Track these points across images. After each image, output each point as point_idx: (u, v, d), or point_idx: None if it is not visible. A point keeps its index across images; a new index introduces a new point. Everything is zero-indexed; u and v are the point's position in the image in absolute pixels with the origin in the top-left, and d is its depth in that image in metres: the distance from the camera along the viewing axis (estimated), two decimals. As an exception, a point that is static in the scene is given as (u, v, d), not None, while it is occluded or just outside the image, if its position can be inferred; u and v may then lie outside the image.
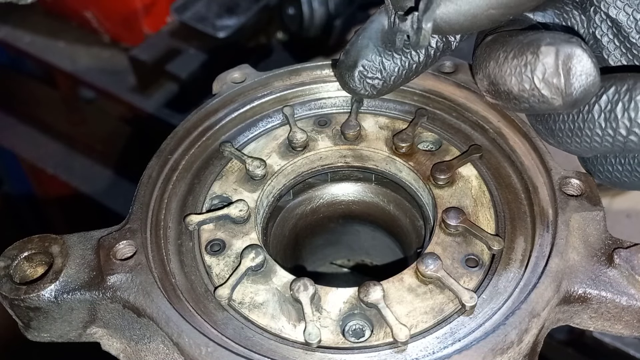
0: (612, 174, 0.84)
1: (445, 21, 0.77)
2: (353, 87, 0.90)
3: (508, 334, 0.77)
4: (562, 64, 0.70)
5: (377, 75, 0.88)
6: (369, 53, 0.88)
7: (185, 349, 0.79)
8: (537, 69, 0.72)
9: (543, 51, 0.71)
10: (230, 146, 1.04)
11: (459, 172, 0.99)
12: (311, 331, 0.81)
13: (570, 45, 0.70)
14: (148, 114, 2.65)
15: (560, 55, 0.70)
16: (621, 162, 0.82)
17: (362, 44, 0.88)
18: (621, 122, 0.73)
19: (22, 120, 3.12)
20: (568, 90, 0.71)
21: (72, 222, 3.13)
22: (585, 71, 0.70)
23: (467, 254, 0.90)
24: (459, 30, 0.78)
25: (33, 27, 3.06)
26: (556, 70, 0.70)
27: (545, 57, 0.71)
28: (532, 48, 0.72)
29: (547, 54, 0.71)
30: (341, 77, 0.91)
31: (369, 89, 0.89)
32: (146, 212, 0.94)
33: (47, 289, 0.86)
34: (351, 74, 0.89)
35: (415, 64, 0.88)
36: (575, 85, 0.70)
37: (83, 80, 2.86)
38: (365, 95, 0.91)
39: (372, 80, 0.88)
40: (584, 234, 0.89)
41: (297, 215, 1.13)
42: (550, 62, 0.70)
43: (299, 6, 2.41)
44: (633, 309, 0.85)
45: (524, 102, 0.76)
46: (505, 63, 0.75)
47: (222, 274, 0.90)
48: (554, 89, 0.72)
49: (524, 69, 0.73)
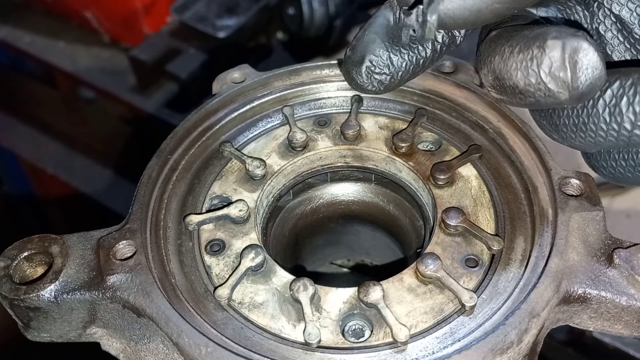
0: (615, 169, 0.84)
1: (449, 16, 0.77)
2: (361, 83, 0.89)
3: (508, 334, 0.77)
4: (569, 58, 0.70)
5: (385, 71, 0.87)
6: (376, 48, 0.87)
7: (185, 349, 0.79)
8: (543, 62, 0.71)
9: (549, 45, 0.71)
10: (230, 146, 1.04)
11: (459, 172, 0.99)
12: (311, 331, 0.81)
13: (577, 38, 0.70)
14: (148, 114, 2.65)
15: (566, 48, 0.70)
16: (624, 158, 0.82)
17: (368, 39, 0.87)
18: (626, 117, 0.73)
19: (22, 120, 3.12)
20: (575, 84, 0.71)
21: (72, 222, 3.13)
22: (591, 64, 0.70)
23: (466, 254, 0.90)
24: (463, 24, 0.78)
25: (33, 27, 3.06)
26: (563, 64, 0.70)
27: (551, 51, 0.71)
28: (538, 42, 0.72)
29: (554, 47, 0.70)
30: (348, 73, 0.90)
31: (377, 84, 0.88)
32: (146, 212, 0.94)
33: (47, 289, 0.86)
34: (358, 69, 0.88)
35: (422, 59, 0.88)
36: (581, 78, 0.70)
37: (83, 80, 2.86)
38: (373, 91, 0.90)
39: (380, 76, 0.87)
40: (584, 234, 0.89)
41: (297, 215, 1.13)
42: (556, 55, 0.70)
43: (299, 6, 2.41)
44: (633, 309, 0.85)
45: (529, 97, 0.76)
46: (511, 57, 0.75)
47: (222, 274, 0.90)
48: (561, 82, 0.71)
49: (530, 63, 0.73)
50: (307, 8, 2.39)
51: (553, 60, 0.70)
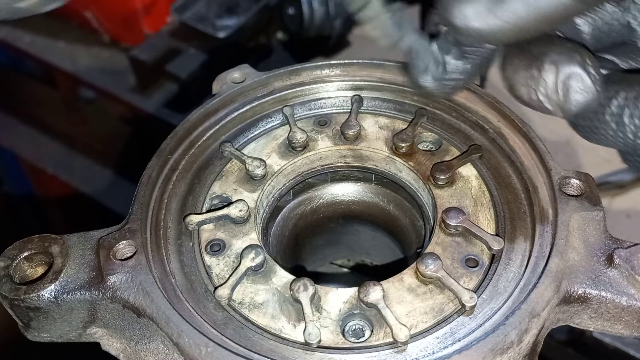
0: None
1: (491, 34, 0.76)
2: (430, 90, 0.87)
3: (508, 334, 0.77)
4: (562, 83, 0.76)
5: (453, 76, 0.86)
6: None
7: (185, 349, 0.79)
8: (539, 84, 0.77)
9: (546, 69, 0.76)
10: (230, 146, 1.04)
11: (459, 172, 0.99)
12: (311, 331, 0.81)
13: (572, 64, 0.75)
14: (148, 114, 2.65)
15: (560, 74, 0.75)
16: None
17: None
18: (628, 128, 0.78)
19: (22, 120, 3.12)
20: (566, 106, 0.76)
21: (72, 222, 3.13)
22: (584, 89, 0.75)
23: (467, 254, 0.90)
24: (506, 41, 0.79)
25: (33, 27, 3.06)
26: (555, 89, 0.76)
27: (547, 75, 0.76)
28: (537, 63, 0.77)
29: (549, 72, 0.76)
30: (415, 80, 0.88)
31: (446, 89, 0.87)
32: (146, 212, 0.94)
33: (47, 289, 0.86)
34: (426, 76, 0.86)
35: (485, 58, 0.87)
36: (573, 103, 0.76)
37: (83, 80, 2.86)
38: (441, 95, 0.90)
39: (449, 82, 0.85)
40: (584, 234, 0.89)
41: (297, 215, 1.13)
42: (551, 80, 0.76)
43: (299, 6, 2.41)
44: (633, 309, 0.85)
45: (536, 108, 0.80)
46: (518, 73, 0.80)
47: (222, 274, 0.90)
48: (554, 103, 0.77)
49: (531, 82, 0.78)
50: (307, 8, 2.39)
51: (548, 83, 0.76)
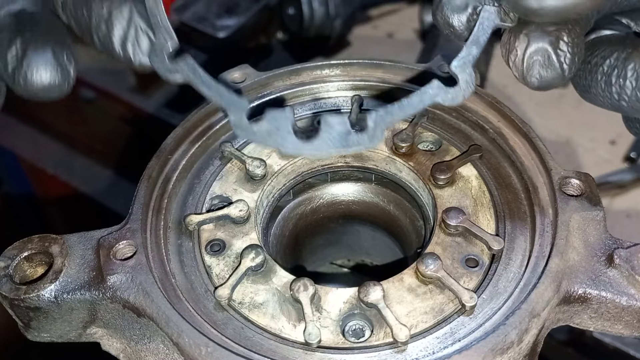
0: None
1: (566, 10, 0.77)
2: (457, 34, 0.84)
3: (508, 334, 0.77)
4: (528, 57, 0.76)
5: None
6: None
7: (185, 349, 0.79)
8: (511, 52, 0.78)
9: (520, 38, 0.76)
10: (230, 146, 1.04)
11: (459, 172, 0.99)
12: (311, 331, 0.81)
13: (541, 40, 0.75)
14: (148, 114, 2.65)
15: (529, 47, 0.76)
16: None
17: None
18: (614, 87, 0.79)
19: (22, 120, 3.11)
20: (527, 80, 0.77)
21: (72, 222, 3.13)
22: (548, 65, 0.75)
23: (467, 254, 0.90)
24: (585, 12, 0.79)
25: (33, 27, 3.05)
26: (522, 59, 0.76)
27: (520, 44, 0.76)
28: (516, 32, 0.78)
29: (522, 42, 0.76)
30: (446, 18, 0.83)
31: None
32: (146, 212, 0.94)
33: (47, 289, 0.86)
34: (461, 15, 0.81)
35: None
36: (535, 76, 0.76)
37: (83, 80, 2.86)
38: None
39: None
40: (584, 234, 0.89)
41: (297, 215, 1.13)
42: (520, 50, 0.76)
43: (299, 6, 2.41)
44: (633, 309, 0.85)
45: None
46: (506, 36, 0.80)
47: (222, 274, 0.90)
48: (520, 73, 0.77)
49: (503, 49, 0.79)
50: (307, 8, 2.39)
51: (518, 53, 0.76)
